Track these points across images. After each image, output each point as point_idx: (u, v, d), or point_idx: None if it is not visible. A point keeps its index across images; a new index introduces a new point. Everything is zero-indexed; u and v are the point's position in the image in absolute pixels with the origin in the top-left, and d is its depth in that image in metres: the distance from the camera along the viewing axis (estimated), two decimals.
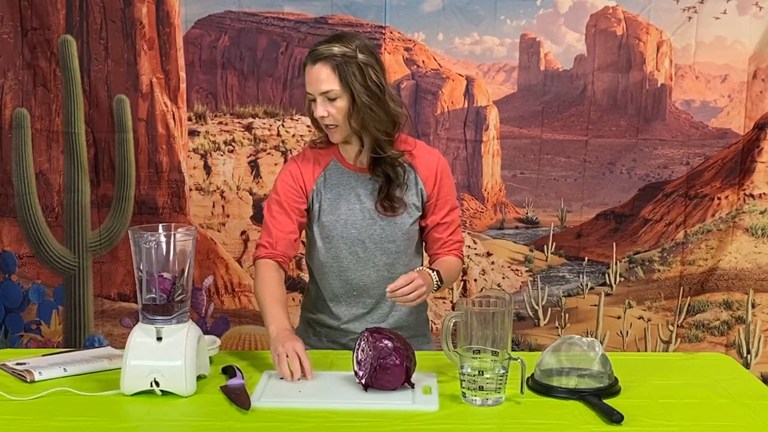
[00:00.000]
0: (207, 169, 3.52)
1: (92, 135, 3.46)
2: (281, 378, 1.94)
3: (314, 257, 2.28)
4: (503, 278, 3.57)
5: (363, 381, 1.85)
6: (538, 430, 1.68)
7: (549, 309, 3.56)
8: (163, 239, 1.87)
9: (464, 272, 3.55)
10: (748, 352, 3.49)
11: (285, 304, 2.15)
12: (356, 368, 1.88)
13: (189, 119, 3.50)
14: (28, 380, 1.94)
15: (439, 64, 3.49)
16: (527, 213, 3.56)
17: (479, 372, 1.78)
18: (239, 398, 1.80)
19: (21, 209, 3.45)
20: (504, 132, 3.51)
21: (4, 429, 1.68)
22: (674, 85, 3.50)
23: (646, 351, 3.48)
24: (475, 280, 3.56)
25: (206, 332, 2.20)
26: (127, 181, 3.45)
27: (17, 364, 2.02)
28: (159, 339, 1.85)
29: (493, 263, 3.57)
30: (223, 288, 3.55)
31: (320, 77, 2.08)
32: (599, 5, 3.46)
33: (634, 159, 3.51)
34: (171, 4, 3.42)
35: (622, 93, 3.50)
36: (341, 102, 2.09)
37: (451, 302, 3.54)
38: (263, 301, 2.13)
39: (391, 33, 3.44)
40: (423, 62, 3.48)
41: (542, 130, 3.51)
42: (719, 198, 3.48)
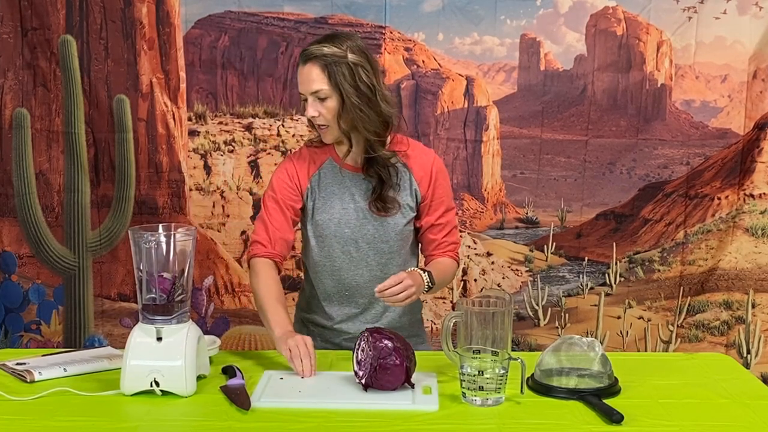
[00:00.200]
0: (207, 169, 3.52)
1: (92, 135, 3.46)
2: (281, 378, 1.95)
3: (308, 256, 2.28)
4: (503, 278, 3.57)
5: (363, 381, 1.85)
6: (538, 430, 1.68)
7: (549, 309, 3.55)
8: (163, 239, 1.87)
9: (464, 272, 3.55)
10: (748, 352, 3.49)
11: (285, 305, 2.15)
12: (356, 368, 1.88)
13: (189, 119, 3.50)
14: (28, 380, 1.94)
15: (439, 64, 3.49)
16: (527, 213, 3.55)
17: (479, 372, 1.78)
18: (239, 398, 1.80)
19: (21, 209, 3.45)
20: (504, 132, 3.51)
21: (4, 429, 1.68)
22: (674, 85, 3.50)
23: (646, 351, 3.48)
24: (475, 280, 3.56)
25: (206, 332, 2.20)
26: (127, 181, 3.45)
27: (17, 364, 2.02)
28: (159, 339, 1.85)
29: (493, 263, 3.57)
30: (223, 288, 3.55)
31: (310, 77, 2.09)
32: (599, 5, 3.46)
33: (634, 159, 3.51)
34: (171, 4, 3.42)
35: (622, 93, 3.50)
36: (331, 102, 2.10)
37: (451, 302, 3.54)
38: (264, 301, 2.13)
39: (391, 33, 3.43)
40: (423, 62, 3.48)
41: (542, 130, 3.50)
42: (719, 198, 3.48)
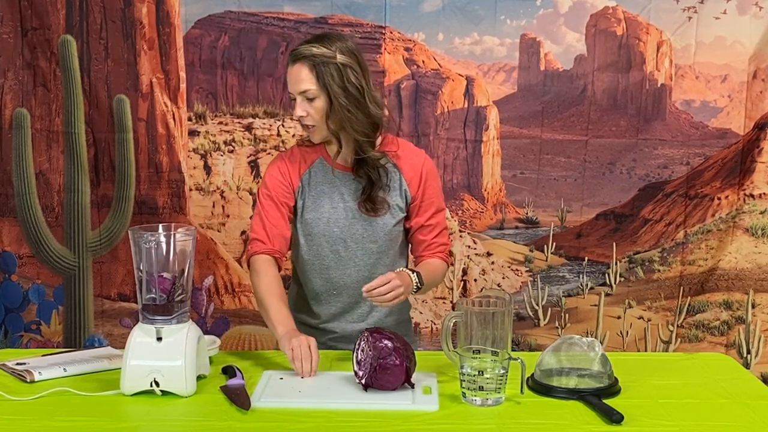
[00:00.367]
0: (207, 169, 3.52)
1: (92, 135, 3.46)
2: (281, 378, 1.95)
3: (297, 255, 2.28)
4: (503, 278, 3.57)
5: (363, 381, 1.85)
6: (538, 430, 1.68)
7: (549, 309, 3.55)
8: (163, 239, 1.87)
9: (464, 272, 3.55)
10: (748, 352, 3.49)
11: (287, 302, 2.15)
12: (356, 368, 1.88)
13: (189, 119, 3.50)
14: (28, 380, 1.94)
15: (439, 64, 3.49)
16: (527, 213, 3.55)
17: (479, 372, 1.77)
18: (239, 398, 1.80)
19: (21, 209, 3.45)
20: (504, 132, 3.51)
21: (4, 429, 1.68)
22: (674, 85, 3.49)
23: (646, 351, 3.48)
24: (475, 280, 3.56)
25: (206, 332, 2.20)
26: (127, 181, 3.45)
27: (17, 364, 2.02)
28: (159, 339, 1.85)
29: (493, 263, 3.57)
30: (223, 288, 3.54)
31: (299, 77, 2.10)
32: (599, 5, 3.46)
33: (634, 159, 3.51)
34: (171, 4, 3.42)
35: (622, 93, 3.50)
36: (319, 102, 2.10)
37: (451, 302, 3.54)
38: (266, 299, 2.12)
39: (391, 33, 3.43)
40: (423, 62, 3.48)
41: (542, 130, 3.50)
42: (719, 198, 3.48)
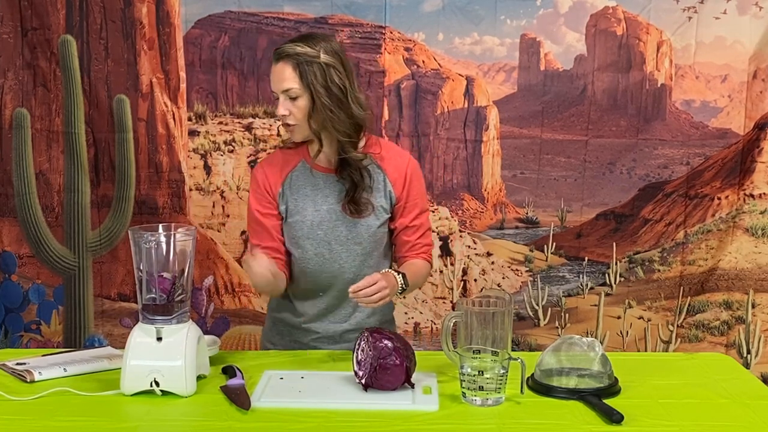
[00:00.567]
0: (207, 169, 3.52)
1: (92, 135, 3.46)
2: (281, 378, 1.95)
3: None
4: (503, 278, 3.57)
5: (363, 381, 1.85)
6: (538, 430, 1.68)
7: (549, 309, 3.55)
8: (163, 239, 1.87)
9: (464, 272, 3.55)
10: (748, 352, 3.49)
11: (275, 274, 2.11)
12: (356, 368, 1.88)
13: (189, 119, 3.50)
14: (28, 380, 1.94)
15: (439, 64, 3.49)
16: (527, 213, 3.55)
17: (479, 372, 1.78)
18: (239, 398, 1.80)
19: (21, 209, 3.45)
20: (504, 132, 3.51)
21: (4, 429, 1.68)
22: (674, 85, 3.49)
23: (646, 351, 3.48)
24: (475, 280, 3.56)
25: (206, 332, 2.21)
26: (127, 181, 3.45)
27: (17, 364, 2.02)
28: (159, 339, 1.85)
29: (493, 263, 3.57)
30: (223, 288, 3.54)
31: (282, 75, 2.10)
32: (599, 5, 3.46)
33: (634, 159, 3.51)
34: (171, 4, 3.42)
35: (622, 93, 3.50)
36: (301, 101, 2.11)
37: (451, 302, 3.54)
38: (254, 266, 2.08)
39: (391, 33, 3.43)
40: (423, 62, 3.48)
41: (542, 130, 3.50)
42: (719, 198, 3.48)
